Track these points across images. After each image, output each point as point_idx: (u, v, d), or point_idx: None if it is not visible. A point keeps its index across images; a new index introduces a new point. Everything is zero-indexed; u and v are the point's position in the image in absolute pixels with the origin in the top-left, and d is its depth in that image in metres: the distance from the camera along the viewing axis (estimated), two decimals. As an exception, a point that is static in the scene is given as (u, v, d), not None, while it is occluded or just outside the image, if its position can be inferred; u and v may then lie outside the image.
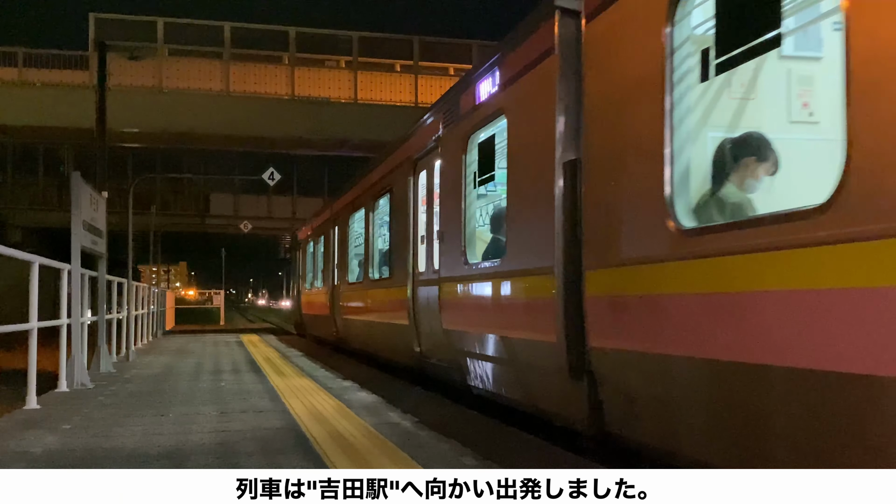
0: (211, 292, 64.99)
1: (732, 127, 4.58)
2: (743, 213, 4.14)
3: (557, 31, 5.27)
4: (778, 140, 4.30)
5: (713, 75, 4.15)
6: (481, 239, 7.79)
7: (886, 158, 2.81)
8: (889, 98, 2.83)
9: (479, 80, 7.11)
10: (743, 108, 4.63)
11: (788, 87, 4.50)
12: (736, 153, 4.36)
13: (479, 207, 7.89)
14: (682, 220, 4.03)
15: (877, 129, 2.90)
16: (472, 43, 36.54)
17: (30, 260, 7.32)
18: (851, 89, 3.00)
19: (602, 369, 4.83)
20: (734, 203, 4.27)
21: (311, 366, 11.40)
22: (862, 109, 2.95)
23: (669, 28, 4.10)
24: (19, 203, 38.55)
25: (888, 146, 2.81)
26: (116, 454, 4.92)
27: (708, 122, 4.53)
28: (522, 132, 6.25)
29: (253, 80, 34.62)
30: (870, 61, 2.94)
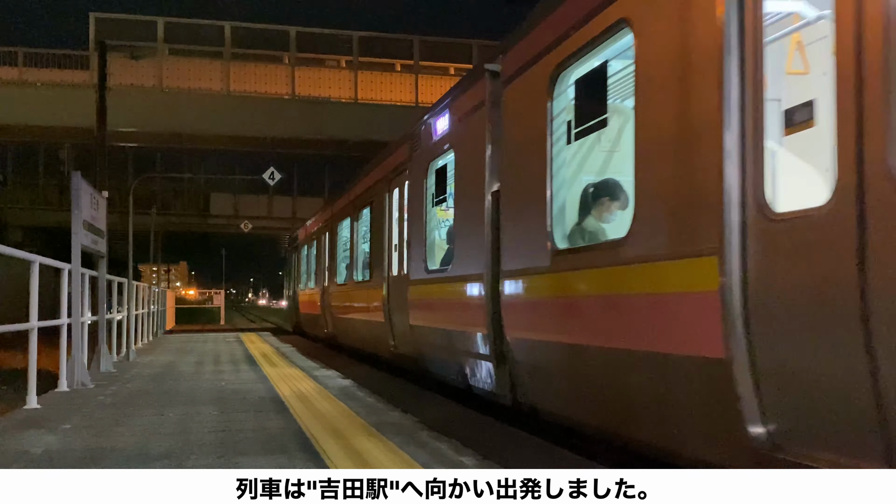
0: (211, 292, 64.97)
1: (599, 173, 6.16)
2: (598, 240, 5.54)
3: (486, 88, 6.87)
4: (627, 183, 5.34)
5: (573, 140, 5.76)
6: (440, 248, 9.28)
7: (654, 211, 4.39)
8: (654, 173, 4.41)
9: (436, 118, 8.67)
10: (609, 160, 6.19)
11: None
12: (596, 194, 5.82)
13: (436, 222, 9.39)
14: (557, 243, 5.63)
15: (648, 192, 4.48)
16: (472, 42, 36.55)
17: (30, 259, 7.32)
18: (636, 164, 4.59)
19: (513, 354, 6.38)
20: (592, 232, 5.71)
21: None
22: (639, 179, 4.57)
23: (550, 102, 5.69)
24: (20, 203, 38.58)
25: (655, 204, 4.38)
26: (117, 454, 4.92)
27: (580, 169, 6.21)
28: (464, 165, 7.82)
29: (253, 79, 34.61)
30: (645, 142, 4.55)
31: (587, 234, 5.69)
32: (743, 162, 3.64)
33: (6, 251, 6.75)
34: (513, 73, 6.45)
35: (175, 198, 42.67)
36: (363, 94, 35.27)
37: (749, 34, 3.71)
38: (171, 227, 43.13)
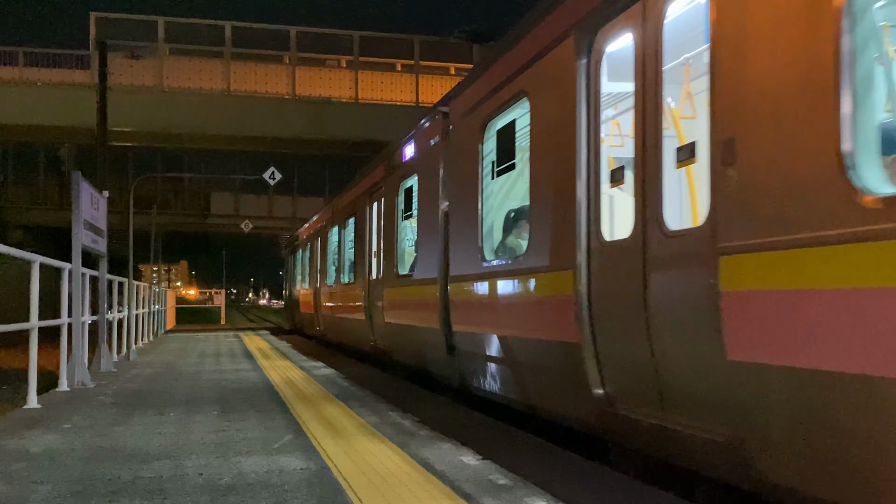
0: (211, 292, 64.99)
1: (519, 202, 7.38)
2: (514, 255, 6.75)
3: (440, 125, 8.50)
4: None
5: (494, 177, 7.29)
6: (408, 256, 10.50)
7: (538, 236, 5.88)
8: (538, 207, 5.93)
9: (405, 145, 10.20)
10: (524, 192, 7.00)
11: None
12: (515, 218, 7.21)
13: (405, 234, 10.61)
14: (486, 256, 7.19)
15: (535, 222, 5.97)
16: (473, 42, 36.53)
17: (31, 259, 7.32)
18: (529, 199, 6.22)
19: (458, 345, 7.84)
20: (510, 248, 7.05)
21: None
22: (531, 211, 6.18)
23: (481, 144, 7.28)
24: (20, 202, 38.60)
25: (539, 231, 5.87)
26: (117, 454, 4.91)
27: (505, 197, 7.58)
28: (424, 187, 9.33)
29: (254, 79, 34.60)
30: (534, 184, 6.08)
31: (507, 249, 7.12)
32: (590, 205, 5.07)
33: (7, 251, 6.75)
34: (457, 118, 8.11)
35: (175, 197, 42.73)
36: (364, 94, 35.26)
37: (592, 113, 5.12)
38: (172, 226, 43.17)
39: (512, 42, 6.59)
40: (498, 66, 6.88)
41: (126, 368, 10.96)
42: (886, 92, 3.76)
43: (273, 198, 41.01)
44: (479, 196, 7.27)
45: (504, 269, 6.66)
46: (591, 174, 5.05)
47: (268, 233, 45.47)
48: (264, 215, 41.36)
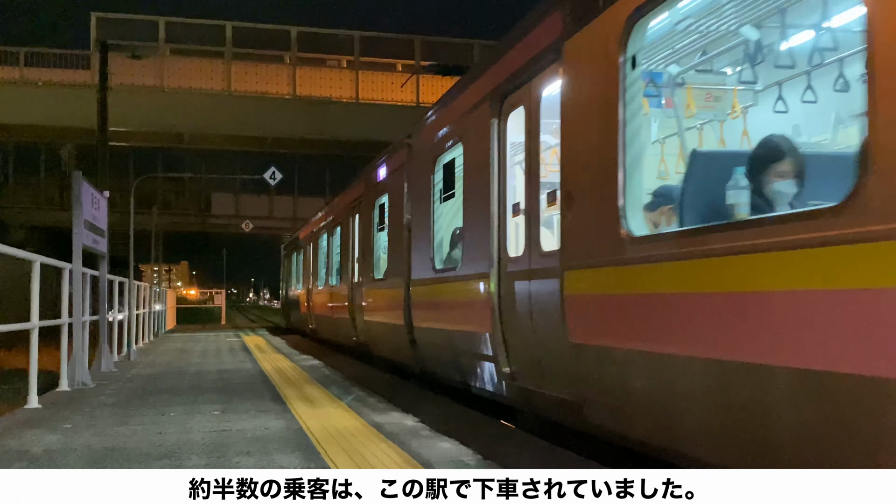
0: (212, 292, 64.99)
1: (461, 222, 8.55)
2: (456, 265, 8.03)
3: (405, 153, 10.16)
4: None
5: (443, 201, 8.70)
6: (383, 262, 11.72)
7: (470, 250, 7.41)
8: (468, 228, 7.55)
9: (380, 167, 11.92)
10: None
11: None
12: (457, 235, 8.52)
13: (380, 243, 11.99)
14: (436, 265, 8.69)
15: (467, 239, 7.58)
16: (473, 42, 36.56)
17: (31, 259, 7.33)
18: (463, 221, 7.80)
19: (418, 338, 9.34)
20: (454, 259, 8.35)
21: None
22: (464, 230, 7.84)
23: (433, 175, 8.82)
24: (21, 202, 38.59)
25: (470, 247, 7.41)
26: (117, 453, 4.92)
27: (452, 218, 8.67)
28: (393, 204, 10.92)
29: (254, 79, 34.62)
30: (465, 211, 7.71)
31: (452, 259, 8.49)
32: (500, 231, 6.64)
33: (7, 251, 6.76)
34: (417, 150, 9.71)
35: (176, 197, 42.72)
36: (364, 95, 35.28)
37: (502, 160, 6.70)
38: (172, 226, 43.15)
39: (453, 97, 8.43)
40: (444, 114, 8.70)
41: (127, 368, 10.97)
42: (646, 171, 5.24)
43: (274, 198, 40.98)
44: (431, 215, 8.88)
45: (448, 276, 8.15)
46: (500, 206, 6.69)
47: (268, 233, 45.44)
48: (265, 215, 41.34)
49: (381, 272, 11.60)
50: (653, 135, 6.17)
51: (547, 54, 5.68)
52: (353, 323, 13.36)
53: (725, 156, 4.95)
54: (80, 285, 9.07)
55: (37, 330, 7.24)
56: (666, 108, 5.98)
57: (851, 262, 3.00)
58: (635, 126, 4.68)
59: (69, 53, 34.22)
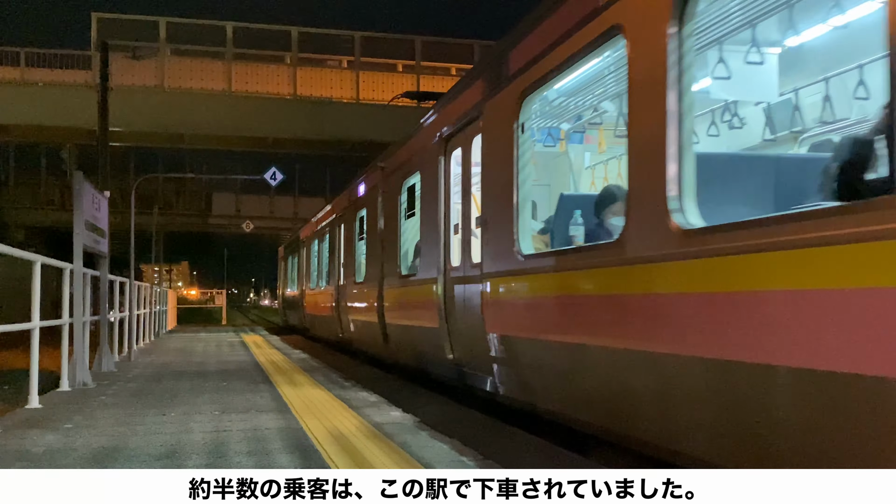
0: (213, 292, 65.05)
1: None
2: (414, 272, 9.75)
3: (379, 175, 11.89)
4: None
5: (407, 218, 10.35)
6: (363, 267, 13.39)
7: (424, 260, 9.28)
8: (424, 242, 9.36)
9: (360, 184, 13.82)
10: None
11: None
12: (418, 247, 10.06)
13: (361, 250, 13.62)
14: (401, 271, 10.32)
15: (423, 251, 9.37)
16: (473, 42, 36.55)
17: (32, 259, 7.33)
18: (420, 237, 9.61)
19: (390, 334, 10.85)
20: (415, 265, 9.86)
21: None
22: (421, 244, 9.67)
23: (400, 196, 10.52)
24: (22, 203, 38.62)
25: (424, 258, 9.24)
26: (118, 454, 4.93)
27: (415, 233, 9.96)
28: (370, 217, 12.53)
29: (255, 79, 34.63)
30: (422, 227, 9.48)
31: (413, 266, 10.05)
32: (445, 244, 8.20)
33: (8, 251, 6.76)
34: (387, 173, 11.41)
35: (177, 198, 42.75)
36: (365, 95, 35.28)
37: (447, 188, 8.25)
38: (173, 226, 43.21)
39: (414, 133, 10.05)
40: (407, 146, 10.34)
41: (127, 368, 10.97)
42: (533, 208, 7.11)
43: (274, 198, 41.06)
44: (399, 229, 10.57)
45: (410, 280, 9.75)
46: (446, 225, 8.21)
47: (269, 233, 45.47)
48: (266, 215, 41.41)
49: (361, 276, 13.29)
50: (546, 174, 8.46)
51: (475, 110, 7.25)
52: (339, 321, 15.28)
53: (580, 198, 6.47)
54: (81, 285, 9.07)
55: (38, 330, 7.25)
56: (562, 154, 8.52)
57: (669, 272, 4.22)
58: (525, 173, 6.23)
59: (70, 54, 34.24)
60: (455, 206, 8.20)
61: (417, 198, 9.75)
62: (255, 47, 35.50)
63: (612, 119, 7.65)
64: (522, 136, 6.16)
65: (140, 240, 21.16)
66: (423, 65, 36.05)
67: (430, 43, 36.67)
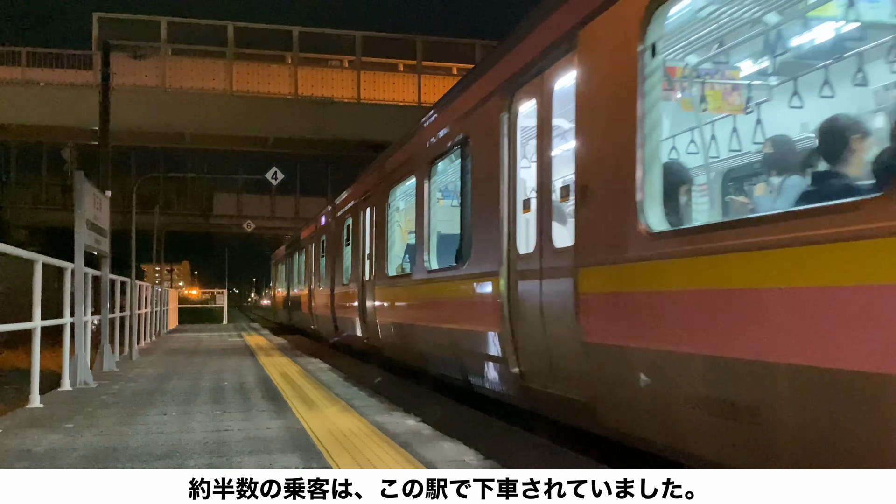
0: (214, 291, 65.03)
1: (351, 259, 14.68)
2: (349, 279, 14.22)
3: (330, 214, 17.46)
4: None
5: (347, 246, 14.84)
6: (326, 275, 17.08)
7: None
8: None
9: (321, 217, 18.69)
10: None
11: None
12: (348, 264, 14.87)
13: (347, 254, 15.30)
14: (343, 280, 15.02)
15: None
16: (475, 42, 36.54)
17: (33, 259, 7.33)
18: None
19: (339, 326, 15.41)
20: (347, 275, 14.78)
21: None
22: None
23: (343, 231, 15.53)
24: (23, 202, 38.62)
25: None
26: (119, 453, 4.93)
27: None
28: (355, 227, 14.04)
29: (256, 79, 34.64)
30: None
31: (347, 277, 13.88)
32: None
33: (9, 250, 6.76)
34: (333, 213, 16.16)
35: (178, 197, 42.71)
36: (366, 94, 35.28)
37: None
38: (174, 226, 43.14)
39: (341, 195, 13.11)
40: (338, 205, 14.59)
41: (128, 368, 10.97)
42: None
43: (275, 198, 41.00)
44: (343, 252, 14.94)
45: (343, 285, 13.98)
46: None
47: (270, 233, 45.44)
48: (267, 215, 41.35)
49: (346, 277, 15.81)
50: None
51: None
52: (312, 316, 20.26)
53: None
54: (83, 285, 9.08)
55: (39, 329, 7.25)
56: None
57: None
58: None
59: (71, 53, 34.24)
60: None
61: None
62: (256, 47, 35.51)
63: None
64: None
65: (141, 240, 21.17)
66: (424, 64, 36.04)
67: (431, 42, 36.67)
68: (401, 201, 11.64)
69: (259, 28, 36.29)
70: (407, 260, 11.05)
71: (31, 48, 34.38)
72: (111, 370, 10.33)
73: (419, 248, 9.31)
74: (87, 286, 9.46)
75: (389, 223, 11.61)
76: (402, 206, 11.71)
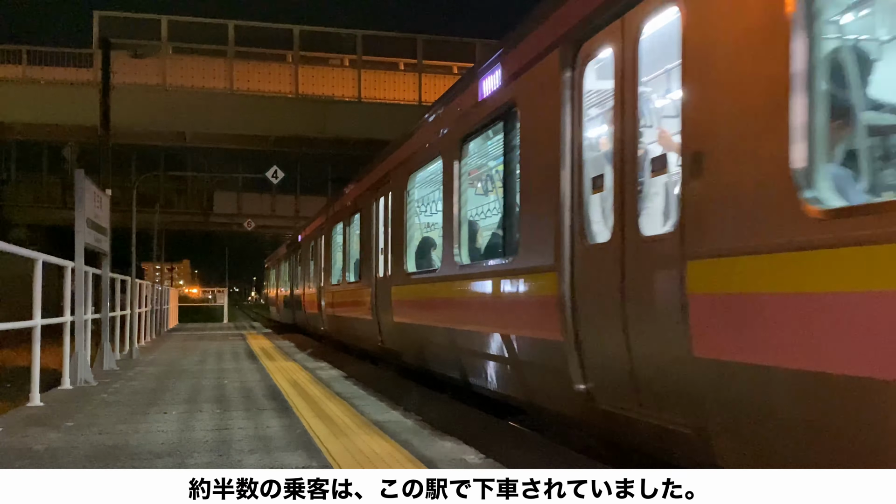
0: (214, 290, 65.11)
1: (313, 273, 19.83)
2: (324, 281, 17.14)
3: (302, 238, 23.33)
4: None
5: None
6: (304, 282, 20.46)
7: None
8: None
9: (299, 235, 23.75)
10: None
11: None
12: (309, 275, 20.43)
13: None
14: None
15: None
16: (475, 42, 36.53)
17: (34, 257, 7.33)
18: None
19: (324, 324, 17.49)
20: (316, 280, 18.62)
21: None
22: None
23: (309, 251, 21.29)
24: (23, 201, 38.63)
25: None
26: (119, 452, 4.93)
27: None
28: (302, 259, 21.43)
29: (257, 78, 34.62)
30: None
31: (318, 280, 18.37)
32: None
33: (10, 249, 6.76)
34: (306, 237, 21.91)
35: (178, 196, 42.73)
36: (366, 93, 35.26)
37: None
38: (175, 225, 43.19)
39: (308, 222, 16.89)
40: (308, 230, 18.93)
41: (129, 366, 10.98)
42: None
43: (276, 197, 41.01)
44: (310, 268, 18.29)
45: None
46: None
47: (271, 231, 45.50)
48: (267, 214, 41.37)
49: (301, 287, 19.20)
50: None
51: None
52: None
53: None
54: (83, 283, 9.08)
55: (39, 328, 7.25)
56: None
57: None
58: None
59: (72, 52, 34.23)
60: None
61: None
62: (256, 46, 35.50)
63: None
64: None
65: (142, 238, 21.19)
66: (425, 63, 36.02)
67: (432, 42, 36.65)
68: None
69: (260, 27, 36.28)
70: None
71: (32, 46, 34.37)
72: (111, 369, 10.33)
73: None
74: (87, 284, 9.45)
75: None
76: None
